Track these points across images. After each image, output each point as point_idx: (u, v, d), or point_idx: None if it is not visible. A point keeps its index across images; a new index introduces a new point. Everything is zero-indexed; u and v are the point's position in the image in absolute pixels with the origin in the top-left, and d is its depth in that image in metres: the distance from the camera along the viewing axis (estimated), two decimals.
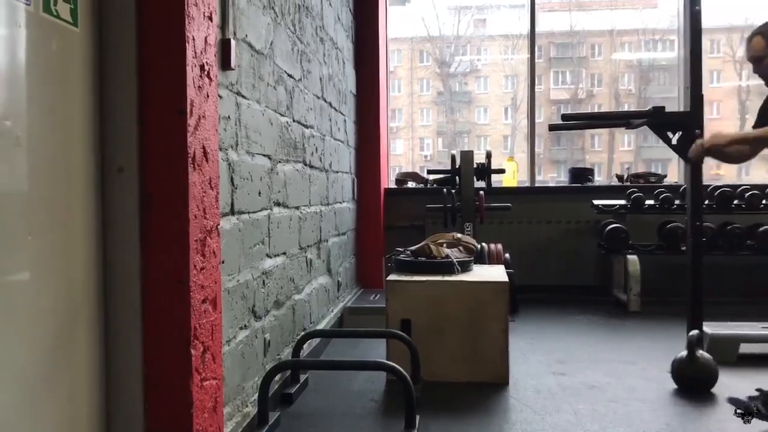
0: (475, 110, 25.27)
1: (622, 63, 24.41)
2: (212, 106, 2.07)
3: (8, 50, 1.49)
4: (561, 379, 3.25)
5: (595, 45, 24.42)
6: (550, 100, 22.63)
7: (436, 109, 25.45)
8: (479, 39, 24.89)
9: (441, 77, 24.66)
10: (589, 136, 22.87)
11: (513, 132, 24.59)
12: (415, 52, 24.80)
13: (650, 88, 21.84)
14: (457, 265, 3.38)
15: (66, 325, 1.72)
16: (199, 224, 1.97)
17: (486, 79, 25.32)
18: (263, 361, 2.78)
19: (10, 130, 1.49)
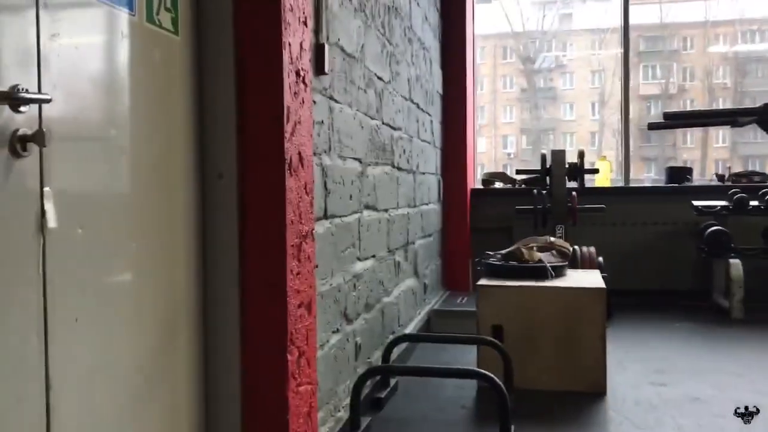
0: (560, 107, 24.73)
1: (716, 55, 23.37)
2: (307, 111, 2.07)
3: (113, 60, 1.52)
4: (661, 390, 3.10)
5: (687, 37, 23.45)
6: (639, 95, 21.87)
7: (519, 106, 25.06)
8: (565, 34, 24.37)
9: (525, 73, 24.25)
10: (681, 133, 22.00)
11: (600, 129, 23.95)
12: (498, 48, 24.50)
13: (746, 82, 20.83)
14: (551, 270, 3.28)
15: (167, 329, 1.75)
16: (295, 229, 1.97)
17: (572, 75, 24.75)
18: (354, 365, 2.77)
19: (116, 137, 1.52)
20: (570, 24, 25.17)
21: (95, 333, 1.44)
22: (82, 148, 1.41)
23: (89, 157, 1.44)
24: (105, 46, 1.49)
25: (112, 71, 1.52)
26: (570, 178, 4.78)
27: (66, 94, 1.35)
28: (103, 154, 1.48)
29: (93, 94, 1.44)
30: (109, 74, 1.50)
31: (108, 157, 1.50)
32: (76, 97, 1.39)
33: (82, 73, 1.41)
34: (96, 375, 1.44)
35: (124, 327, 1.56)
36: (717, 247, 4.80)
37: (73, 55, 1.37)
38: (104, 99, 1.48)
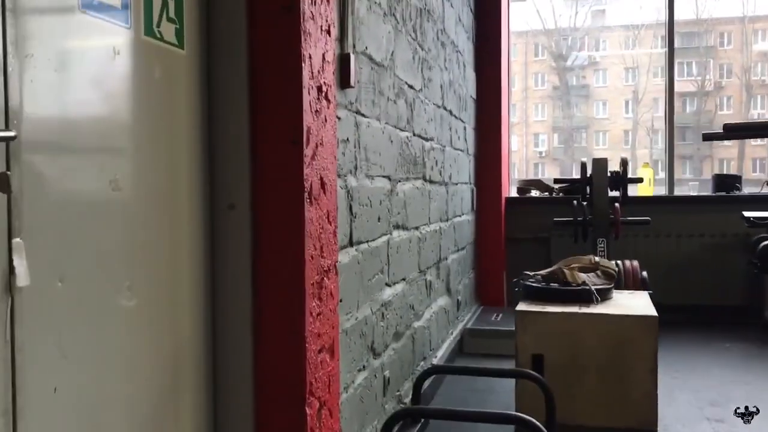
0: (593, 104, 24.25)
1: (755, 52, 22.71)
2: (330, 131, 1.85)
3: (104, 82, 1.31)
4: (718, 427, 2.83)
5: (724, 33, 22.84)
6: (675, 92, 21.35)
7: (551, 104, 24.61)
8: (598, 30, 23.86)
9: (557, 71, 23.81)
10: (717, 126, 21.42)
11: (634, 127, 23.39)
12: (530, 45, 24.09)
13: None
14: (596, 294, 3.02)
15: (170, 387, 1.54)
16: (315, 265, 1.75)
17: (605, 72, 24.24)
18: (382, 401, 2.55)
19: (108, 171, 1.30)
20: (603, 20, 24.69)
21: (80, 401, 1.23)
22: (64, 187, 1.20)
23: (73, 197, 1.23)
24: (93, 67, 1.28)
25: (102, 95, 1.31)
26: (612, 188, 4.50)
27: (41, 127, 1.14)
28: (92, 192, 1.27)
29: (77, 124, 1.23)
30: (98, 99, 1.29)
31: (98, 195, 1.29)
32: (55, 130, 1.18)
33: (64, 100, 1.20)
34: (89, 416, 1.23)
35: (118, 388, 1.35)
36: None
37: (50, 79, 1.16)
38: (92, 128, 1.27)
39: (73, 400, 1.22)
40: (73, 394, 1.21)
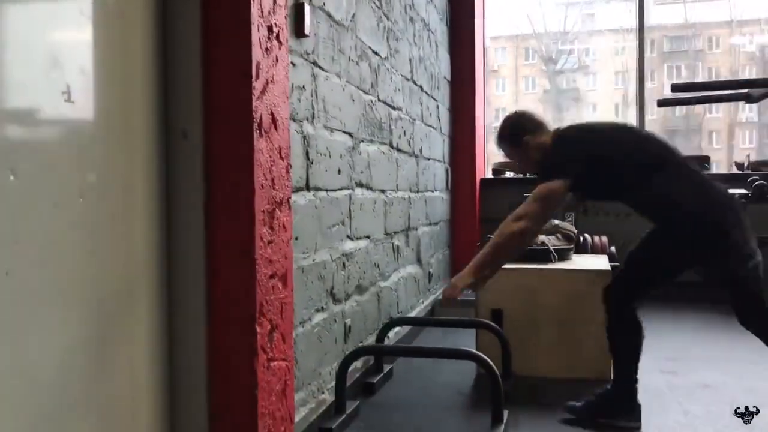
0: (583, 108, 24.41)
1: (742, 55, 22.92)
2: (282, 71, 1.96)
3: (60, 5, 1.42)
4: (671, 378, 2.95)
5: (712, 37, 23.04)
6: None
7: (542, 108, 24.79)
8: (587, 34, 24.06)
9: (547, 74, 23.98)
10: (707, 134, 21.63)
11: None
12: (520, 49, 24.26)
13: None
14: (554, 253, 3.13)
15: (125, 295, 1.64)
16: (266, 194, 1.86)
17: (595, 76, 24.42)
18: (344, 347, 2.65)
19: (59, 81, 1.41)
20: (593, 24, 24.88)
21: (30, 288, 1.33)
22: (18, 96, 1.31)
23: (27, 104, 1.33)
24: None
25: (55, 18, 1.42)
26: None
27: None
28: (46, 102, 1.38)
29: (28, 37, 1.34)
30: (50, 21, 1.40)
31: (49, 105, 1.39)
32: (8, 41, 1.29)
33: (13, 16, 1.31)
34: (35, 337, 1.33)
35: (74, 287, 1.45)
36: None
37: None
38: (45, 47, 1.38)
39: (27, 286, 1.32)
40: (26, 280, 1.31)
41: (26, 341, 1.32)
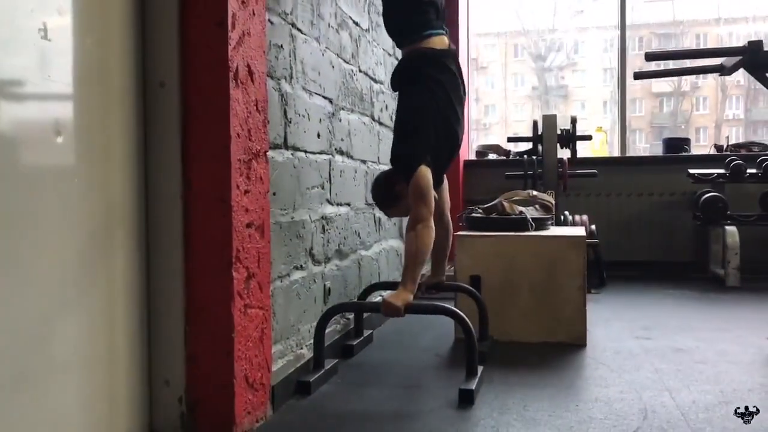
0: (572, 104, 24.53)
1: None
2: (258, 25, 2.00)
3: None
4: (644, 343, 3.00)
5: (700, 34, 23.17)
6: (651, 93, 21.62)
7: (531, 104, 24.88)
8: (576, 31, 24.17)
9: (536, 72, 24.08)
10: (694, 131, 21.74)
11: (612, 126, 23.72)
12: (509, 46, 24.35)
13: None
14: (531, 222, 3.19)
15: (103, 236, 1.68)
16: (242, 144, 1.90)
17: (583, 73, 24.54)
18: (323, 307, 2.69)
19: (37, 19, 1.45)
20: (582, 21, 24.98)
21: (10, 232, 1.37)
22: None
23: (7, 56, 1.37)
24: None
25: None
26: (563, 146, 4.68)
27: None
28: (23, 38, 1.42)
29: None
30: None
31: (33, 56, 1.43)
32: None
33: None
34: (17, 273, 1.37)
35: (52, 225, 1.49)
36: (712, 213, 4.69)
37: None
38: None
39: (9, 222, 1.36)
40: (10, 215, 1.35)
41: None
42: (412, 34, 2.59)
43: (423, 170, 2.46)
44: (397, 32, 2.71)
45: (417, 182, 2.45)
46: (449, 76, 2.60)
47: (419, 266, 2.43)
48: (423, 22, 2.58)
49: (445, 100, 2.56)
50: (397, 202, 2.64)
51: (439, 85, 2.55)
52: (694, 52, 3.20)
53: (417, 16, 2.57)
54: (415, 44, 2.60)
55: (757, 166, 4.70)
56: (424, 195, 2.45)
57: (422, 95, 2.54)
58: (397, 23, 2.68)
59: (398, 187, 2.59)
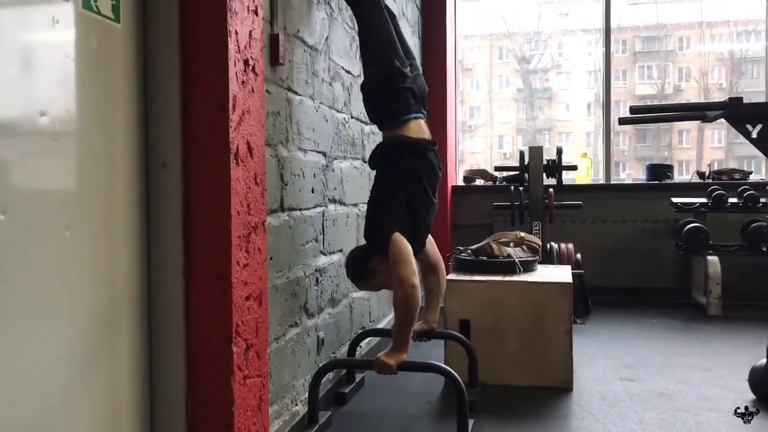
0: (556, 106, 24.71)
1: (712, 56, 23.33)
2: (258, 101, 2.05)
3: (45, 48, 1.50)
4: (629, 386, 3.09)
5: (683, 38, 23.42)
6: (635, 95, 21.81)
7: (515, 106, 25.04)
8: (560, 33, 24.35)
9: (521, 73, 24.24)
10: (677, 132, 21.94)
11: (596, 128, 23.91)
12: (494, 48, 24.48)
13: (743, 82, 20.79)
14: (519, 265, 3.26)
15: (108, 320, 1.73)
16: (242, 220, 1.95)
17: (568, 75, 24.73)
18: (316, 359, 2.76)
19: (47, 126, 1.50)
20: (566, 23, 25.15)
21: (19, 324, 1.42)
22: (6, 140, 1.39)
23: (15, 144, 1.42)
24: (33, 35, 1.47)
25: (43, 60, 1.50)
26: (549, 175, 4.77)
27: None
28: (34, 140, 1.46)
29: (15, 86, 1.42)
30: (38, 63, 1.48)
31: (37, 147, 1.48)
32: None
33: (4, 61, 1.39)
34: (20, 369, 1.42)
35: (59, 322, 1.54)
36: (695, 244, 4.79)
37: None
38: (30, 90, 1.46)
39: (12, 318, 1.40)
40: (11, 315, 1.40)
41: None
42: (392, 120, 2.66)
43: (398, 236, 2.49)
44: (377, 119, 2.77)
45: (395, 247, 2.47)
46: (426, 163, 2.66)
47: (410, 325, 2.48)
48: (402, 109, 2.64)
49: (419, 186, 2.61)
50: (370, 277, 2.65)
51: (414, 173, 2.60)
52: (677, 107, 3.28)
53: (396, 103, 2.63)
54: (395, 129, 2.65)
55: (738, 195, 4.80)
56: (404, 257, 2.47)
57: (397, 180, 2.59)
58: (377, 112, 2.74)
59: (372, 262, 2.61)
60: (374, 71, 2.66)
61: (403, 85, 2.63)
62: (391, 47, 2.67)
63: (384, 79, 2.63)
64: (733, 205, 4.80)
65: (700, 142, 22.00)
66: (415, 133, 2.66)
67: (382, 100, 2.66)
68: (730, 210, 4.82)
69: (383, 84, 2.63)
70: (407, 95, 2.64)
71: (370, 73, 2.69)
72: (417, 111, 2.69)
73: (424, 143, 2.68)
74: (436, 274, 2.89)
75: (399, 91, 2.63)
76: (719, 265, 4.63)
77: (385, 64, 2.62)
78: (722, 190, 4.85)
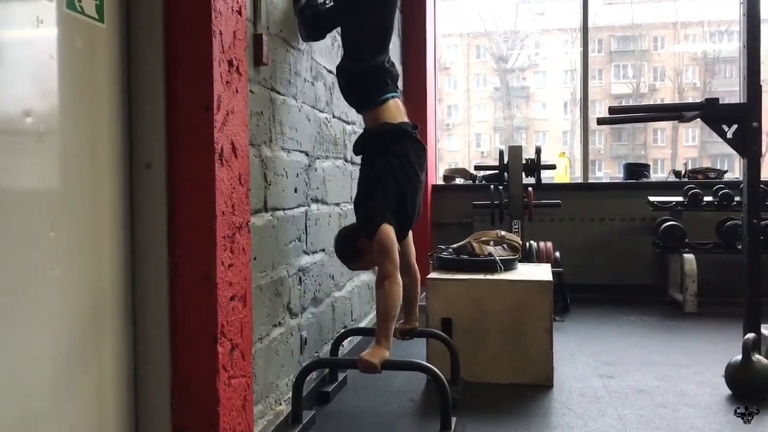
0: (533, 105, 24.87)
1: (685, 56, 23.63)
2: (242, 101, 2.05)
3: (30, 48, 1.50)
4: (608, 382, 3.13)
5: (657, 37, 23.70)
6: (611, 94, 22.06)
7: (493, 105, 25.15)
8: (537, 33, 24.50)
9: (498, 72, 24.35)
10: (652, 131, 22.21)
11: (572, 127, 24.10)
12: (472, 47, 24.56)
13: (716, 82, 21.10)
14: (500, 264, 3.29)
15: (93, 321, 1.72)
16: (227, 221, 1.95)
17: (544, 74, 24.89)
18: (299, 358, 2.76)
19: (32, 126, 1.49)
20: (543, 23, 25.32)
21: (2, 325, 1.41)
22: None
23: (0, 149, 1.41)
24: (17, 35, 1.46)
25: (28, 60, 1.49)
26: (528, 174, 4.81)
27: None
28: (19, 145, 1.45)
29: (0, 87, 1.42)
30: (23, 63, 1.48)
31: (22, 147, 1.47)
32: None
33: None
34: (2, 370, 1.41)
35: (44, 321, 1.53)
36: (671, 242, 4.86)
37: None
38: (15, 90, 1.45)
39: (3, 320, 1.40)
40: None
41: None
42: (371, 101, 2.70)
43: (386, 228, 2.53)
44: (356, 100, 2.81)
45: (380, 240, 2.52)
46: (413, 143, 2.73)
47: (391, 322, 2.50)
48: (380, 89, 2.70)
49: (408, 168, 2.67)
50: (360, 257, 2.71)
51: (403, 155, 2.66)
52: (655, 107, 3.33)
53: (375, 85, 2.69)
54: (375, 111, 2.70)
55: (714, 194, 4.88)
56: (389, 252, 2.52)
57: (387, 165, 2.64)
58: (357, 94, 2.78)
59: (361, 243, 2.67)
60: (358, 64, 2.69)
61: (383, 70, 2.71)
62: (384, 46, 2.73)
63: (368, 70, 2.68)
64: (708, 203, 4.88)
65: (675, 141, 22.31)
66: (395, 113, 2.72)
67: (362, 83, 2.71)
68: (705, 208, 4.90)
69: (366, 72, 2.68)
70: (386, 77, 2.71)
71: (352, 64, 2.72)
72: (393, 90, 2.75)
73: (409, 129, 2.73)
74: (409, 275, 2.93)
75: (379, 74, 2.70)
76: (695, 262, 4.70)
77: (373, 60, 2.67)
78: (698, 189, 4.93)
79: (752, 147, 3.00)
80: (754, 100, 2.97)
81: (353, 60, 2.71)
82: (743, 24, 2.99)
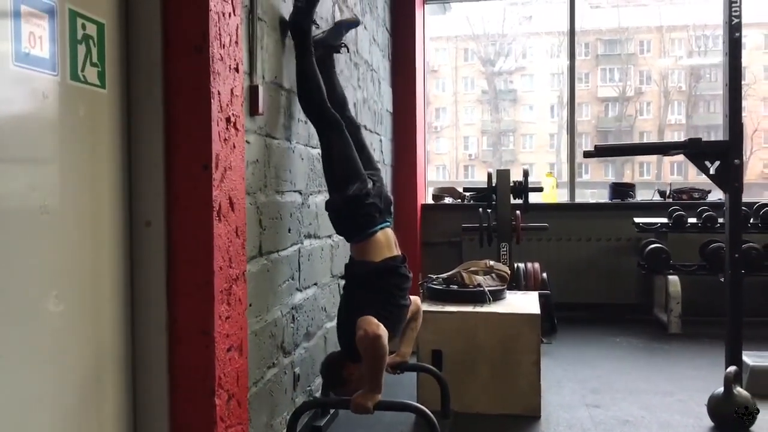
0: (520, 108, 25.01)
1: (671, 59, 23.81)
2: (239, 156, 2.10)
3: (35, 123, 1.54)
4: (594, 412, 3.21)
5: (644, 41, 23.91)
6: (597, 97, 22.20)
7: (480, 108, 25.28)
8: (525, 36, 24.63)
9: (486, 75, 24.46)
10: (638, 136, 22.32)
11: (559, 130, 24.23)
12: (459, 50, 24.66)
13: (701, 85, 21.29)
14: (489, 295, 3.36)
15: (94, 378, 1.77)
16: (224, 274, 2.00)
17: (531, 77, 25.02)
18: (293, 395, 2.81)
19: (37, 199, 1.53)
20: (530, 27, 25.43)
21: (7, 388, 1.46)
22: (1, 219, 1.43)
23: (7, 217, 1.45)
24: (26, 107, 1.50)
25: (33, 134, 1.53)
26: (515, 196, 4.88)
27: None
28: (24, 214, 1.50)
29: (8, 166, 1.46)
30: (29, 138, 1.52)
31: (28, 221, 1.51)
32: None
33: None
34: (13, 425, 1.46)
35: (45, 383, 1.58)
36: (656, 264, 4.95)
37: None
38: (23, 167, 1.50)
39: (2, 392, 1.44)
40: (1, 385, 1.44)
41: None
42: (360, 234, 2.70)
43: (372, 323, 2.46)
44: (344, 233, 2.81)
45: (362, 335, 2.44)
46: (396, 279, 2.72)
47: (380, 371, 2.52)
48: (367, 223, 2.69)
49: (389, 301, 2.65)
50: (345, 386, 2.65)
51: (385, 290, 2.65)
52: (640, 146, 3.41)
53: (362, 219, 2.68)
54: (362, 244, 2.70)
55: (698, 216, 4.97)
56: (371, 320, 2.47)
57: (366, 302, 2.58)
58: (344, 228, 2.79)
59: (347, 371, 2.63)
60: (339, 195, 2.70)
61: (367, 202, 2.68)
62: (354, 172, 2.72)
63: (349, 201, 2.67)
64: (692, 225, 4.97)
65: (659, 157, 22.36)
66: (382, 248, 2.70)
67: (348, 218, 2.71)
68: (689, 230, 4.99)
69: (349, 205, 2.68)
70: (371, 210, 2.69)
71: (335, 197, 2.73)
72: (382, 221, 2.74)
73: (393, 265, 2.72)
74: (414, 319, 2.92)
75: (364, 207, 2.68)
76: (679, 284, 4.79)
77: (349, 189, 2.67)
78: (682, 211, 5.01)
79: (734, 183, 3.08)
80: (736, 138, 3.05)
81: (334, 191, 2.72)
82: (725, 63, 3.07)
